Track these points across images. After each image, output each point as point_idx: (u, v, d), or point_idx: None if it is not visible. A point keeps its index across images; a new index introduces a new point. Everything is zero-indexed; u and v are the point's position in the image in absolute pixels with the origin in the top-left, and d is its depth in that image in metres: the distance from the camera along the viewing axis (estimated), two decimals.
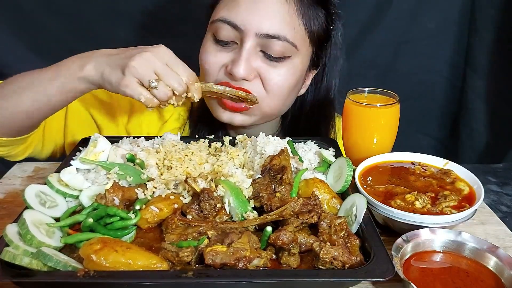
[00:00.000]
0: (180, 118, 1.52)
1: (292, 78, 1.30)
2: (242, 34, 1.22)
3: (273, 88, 1.28)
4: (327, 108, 1.50)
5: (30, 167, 1.35)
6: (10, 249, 0.81)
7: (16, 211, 0.95)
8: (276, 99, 1.31)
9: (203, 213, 0.97)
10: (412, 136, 2.31)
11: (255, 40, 1.22)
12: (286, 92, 1.32)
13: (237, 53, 1.24)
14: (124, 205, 1.00)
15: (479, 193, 1.03)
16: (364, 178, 1.11)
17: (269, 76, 1.26)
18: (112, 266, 0.80)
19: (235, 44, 1.26)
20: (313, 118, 1.49)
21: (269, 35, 1.22)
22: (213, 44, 1.29)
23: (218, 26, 1.25)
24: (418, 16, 2.12)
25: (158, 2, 2.03)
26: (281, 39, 1.22)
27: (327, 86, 1.47)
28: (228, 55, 1.27)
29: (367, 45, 2.14)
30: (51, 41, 2.05)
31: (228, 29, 1.24)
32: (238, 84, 1.25)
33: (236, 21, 1.22)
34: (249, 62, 1.23)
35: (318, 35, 1.33)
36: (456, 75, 2.23)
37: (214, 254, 0.82)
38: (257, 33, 1.21)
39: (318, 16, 1.31)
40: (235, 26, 1.22)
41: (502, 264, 0.86)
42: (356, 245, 0.88)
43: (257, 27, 1.21)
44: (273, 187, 1.03)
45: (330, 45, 1.41)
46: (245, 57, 1.22)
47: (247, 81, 1.25)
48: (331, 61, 1.44)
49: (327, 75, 1.45)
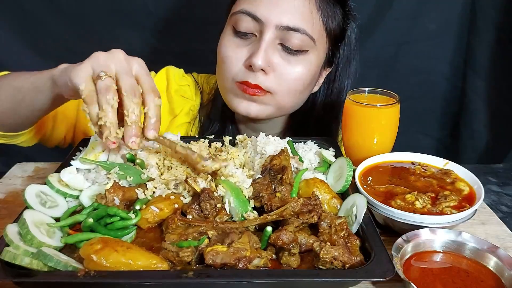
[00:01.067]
0: (190, 113, 1.54)
1: (308, 73, 1.32)
2: (262, 26, 1.25)
3: (289, 83, 1.30)
4: (338, 109, 1.51)
5: (31, 167, 1.35)
6: (11, 249, 0.81)
7: (17, 211, 0.95)
8: (291, 93, 1.33)
9: (204, 213, 0.97)
10: (412, 136, 2.31)
11: (274, 32, 1.24)
12: (301, 87, 1.34)
13: (256, 45, 1.26)
14: (124, 205, 1.00)
15: (479, 193, 1.03)
16: (364, 178, 1.11)
17: (286, 71, 1.28)
18: (113, 266, 0.80)
19: (254, 36, 1.28)
20: (323, 118, 1.51)
21: (289, 28, 1.24)
22: (232, 37, 1.31)
23: (239, 18, 1.27)
24: (419, 17, 2.12)
25: (159, 2, 2.03)
26: (301, 31, 1.25)
27: (339, 87, 1.49)
28: (247, 49, 1.28)
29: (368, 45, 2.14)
30: (51, 41, 2.06)
31: (248, 20, 1.26)
32: (256, 79, 1.26)
33: (257, 13, 1.24)
34: (267, 53, 1.25)
35: (335, 33, 1.36)
36: (457, 75, 2.23)
37: (214, 254, 0.82)
38: (277, 25, 1.24)
39: (336, 14, 1.34)
40: (255, 17, 1.25)
41: (502, 264, 0.86)
42: (356, 245, 0.88)
43: (277, 19, 1.23)
44: (273, 187, 1.03)
45: (344, 45, 1.43)
46: (264, 48, 1.24)
47: (265, 73, 1.27)
48: (344, 61, 1.46)
49: (339, 75, 1.47)
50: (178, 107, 1.53)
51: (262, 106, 1.34)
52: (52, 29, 2.04)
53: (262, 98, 1.31)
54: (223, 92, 1.40)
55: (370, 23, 2.11)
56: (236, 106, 1.35)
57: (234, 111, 1.38)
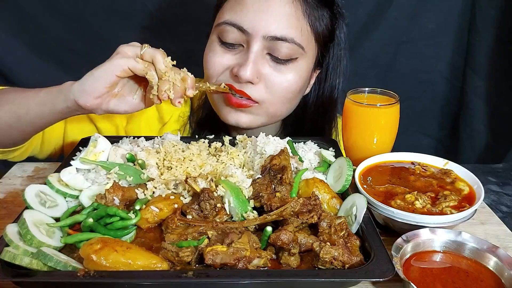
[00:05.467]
0: (179, 120, 1.51)
1: (300, 80, 1.30)
2: (249, 36, 1.22)
3: (280, 92, 1.28)
4: (331, 108, 1.49)
5: (30, 167, 1.35)
6: (10, 249, 0.81)
7: (16, 211, 0.95)
8: (282, 102, 1.31)
9: (203, 213, 0.97)
10: (412, 136, 2.31)
11: (262, 42, 1.22)
12: (293, 94, 1.32)
13: (244, 56, 1.23)
14: (124, 205, 1.00)
15: (479, 193, 1.03)
16: (364, 178, 1.11)
17: (277, 80, 1.26)
18: (112, 266, 0.80)
19: (241, 47, 1.25)
20: (316, 118, 1.49)
21: (276, 37, 1.21)
22: (218, 46, 1.28)
23: (224, 29, 1.24)
24: (418, 16, 2.12)
25: (159, 2, 2.03)
26: (289, 41, 1.22)
27: (331, 86, 1.47)
28: (234, 57, 1.26)
29: (367, 45, 2.14)
30: (51, 41, 2.06)
31: (234, 31, 1.23)
32: (241, 87, 1.24)
33: (243, 24, 1.21)
34: (256, 65, 1.22)
35: (323, 35, 1.33)
36: (456, 75, 2.24)
37: (214, 254, 0.82)
38: (264, 36, 1.21)
39: (324, 16, 1.31)
40: (241, 29, 1.21)
41: (502, 264, 0.86)
42: (356, 245, 0.88)
43: (264, 30, 1.20)
44: (273, 187, 1.03)
45: (334, 45, 1.41)
46: (252, 59, 1.21)
47: (252, 84, 1.24)
48: (335, 60, 1.44)
49: (330, 75, 1.45)
50: (167, 114, 1.49)
51: (252, 116, 1.31)
52: (52, 29, 2.04)
53: (250, 109, 1.28)
54: (211, 100, 1.37)
55: (369, 22, 2.11)
56: (225, 117, 1.32)
57: (224, 122, 1.34)
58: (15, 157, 1.36)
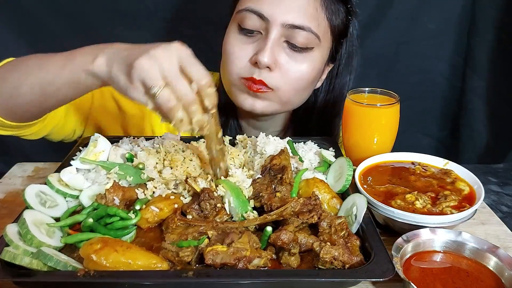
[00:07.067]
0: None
1: (313, 70, 1.34)
2: (268, 24, 1.25)
3: (294, 80, 1.31)
4: (340, 104, 1.51)
5: (30, 167, 1.35)
6: (10, 249, 0.81)
7: (16, 211, 0.95)
8: (295, 90, 1.34)
9: (203, 213, 0.97)
10: (412, 136, 2.31)
11: (280, 30, 1.25)
12: (306, 84, 1.35)
13: (262, 43, 1.27)
14: (124, 205, 1.00)
15: (480, 193, 1.03)
16: (364, 178, 1.11)
17: (292, 68, 1.30)
18: (112, 266, 0.80)
19: (259, 34, 1.29)
20: (325, 114, 1.52)
21: (294, 26, 1.25)
22: (237, 34, 1.31)
23: (244, 16, 1.28)
24: (419, 17, 2.11)
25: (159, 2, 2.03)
26: (306, 29, 1.26)
27: (342, 82, 1.50)
28: (252, 46, 1.29)
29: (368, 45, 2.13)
30: (51, 41, 2.05)
31: (254, 18, 1.26)
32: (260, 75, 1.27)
33: (263, 11, 1.25)
34: (273, 51, 1.26)
35: (339, 29, 1.38)
36: (456, 75, 2.23)
37: (214, 254, 0.82)
38: (282, 23, 1.24)
39: (340, 11, 1.35)
40: (261, 15, 1.25)
41: (502, 264, 0.86)
42: (356, 245, 0.87)
43: (283, 18, 1.24)
44: (273, 187, 1.03)
45: (347, 41, 1.45)
46: (270, 46, 1.25)
47: (270, 70, 1.27)
48: (347, 57, 1.47)
49: (342, 71, 1.49)
50: None
51: (267, 102, 1.35)
52: (52, 29, 2.04)
53: (265, 94, 1.32)
54: (228, 88, 1.40)
55: (370, 22, 2.11)
56: (241, 102, 1.36)
57: (240, 107, 1.38)
58: (31, 134, 1.28)
